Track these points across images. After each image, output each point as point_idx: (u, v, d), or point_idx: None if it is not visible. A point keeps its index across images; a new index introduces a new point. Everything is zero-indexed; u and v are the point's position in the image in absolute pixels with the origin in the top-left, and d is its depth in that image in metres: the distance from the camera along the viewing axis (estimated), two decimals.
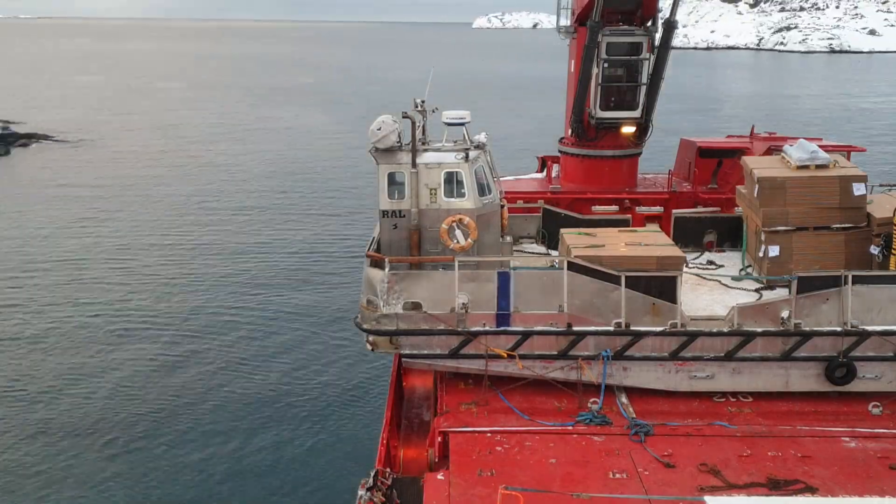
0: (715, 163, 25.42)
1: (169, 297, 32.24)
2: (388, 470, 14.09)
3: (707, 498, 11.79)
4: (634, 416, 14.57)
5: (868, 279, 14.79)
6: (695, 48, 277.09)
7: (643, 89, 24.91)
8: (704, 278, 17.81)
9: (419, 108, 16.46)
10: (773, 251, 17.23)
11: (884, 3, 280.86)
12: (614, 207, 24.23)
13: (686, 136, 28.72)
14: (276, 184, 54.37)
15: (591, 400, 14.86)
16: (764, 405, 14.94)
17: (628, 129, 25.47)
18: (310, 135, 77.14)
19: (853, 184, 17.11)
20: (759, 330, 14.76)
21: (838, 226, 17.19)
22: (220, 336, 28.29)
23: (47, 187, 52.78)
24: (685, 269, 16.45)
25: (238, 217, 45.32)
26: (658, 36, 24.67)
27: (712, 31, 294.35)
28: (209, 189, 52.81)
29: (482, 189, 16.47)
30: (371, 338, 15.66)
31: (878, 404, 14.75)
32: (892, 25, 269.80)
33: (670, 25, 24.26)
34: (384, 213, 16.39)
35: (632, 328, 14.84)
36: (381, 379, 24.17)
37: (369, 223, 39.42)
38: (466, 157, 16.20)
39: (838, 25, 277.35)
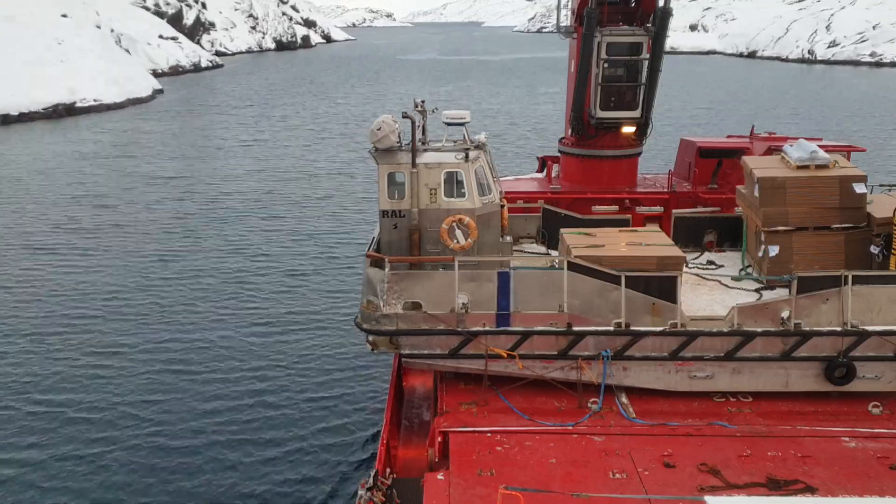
0: (715, 163, 25.43)
1: (166, 295, 32.22)
2: (389, 470, 14.12)
3: (707, 498, 11.79)
4: (634, 415, 14.60)
5: (868, 279, 14.81)
6: None
7: (643, 89, 24.91)
8: (704, 278, 17.82)
9: (419, 108, 16.50)
10: (773, 251, 17.25)
11: None
12: (614, 207, 24.24)
13: (686, 137, 28.77)
14: (275, 182, 54.36)
15: (591, 400, 14.87)
16: (764, 405, 14.96)
17: (628, 129, 25.47)
18: (308, 132, 77.15)
19: (853, 184, 17.13)
20: (759, 330, 14.77)
21: (838, 226, 17.20)
22: (220, 335, 28.27)
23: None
24: (685, 269, 16.46)
25: (237, 216, 45.28)
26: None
27: None
28: (206, 187, 52.78)
29: (482, 189, 16.49)
30: (371, 338, 15.67)
31: (878, 404, 14.76)
32: None
33: (665, 14, 24.09)
34: (384, 213, 16.41)
35: (632, 328, 14.85)
36: (381, 379, 24.16)
37: (369, 223, 39.40)
38: (466, 157, 16.22)
39: None
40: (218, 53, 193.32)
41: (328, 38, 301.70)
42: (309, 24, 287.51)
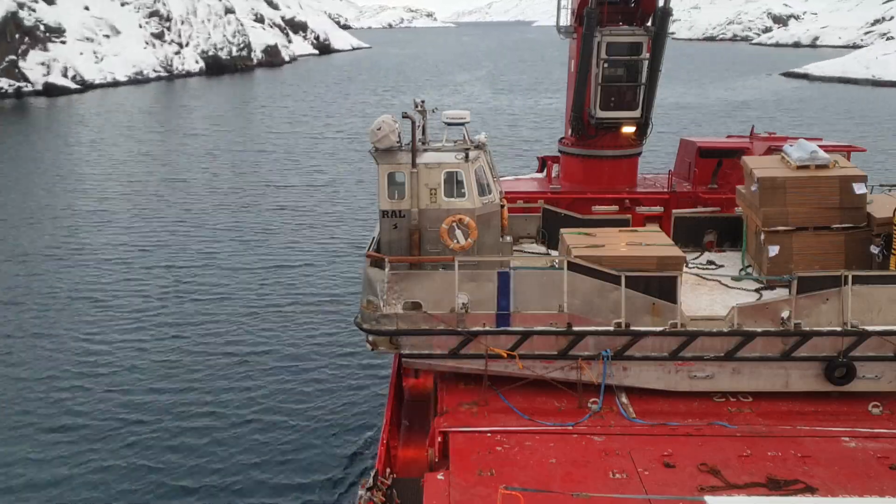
0: (715, 163, 25.44)
1: (165, 296, 32.25)
2: (389, 470, 14.12)
3: (707, 498, 11.80)
4: (634, 415, 14.60)
5: (868, 279, 14.81)
6: None
7: (643, 89, 24.91)
8: (704, 278, 17.83)
9: (419, 108, 16.51)
10: (773, 251, 17.26)
11: None
12: (614, 207, 24.25)
13: (686, 137, 28.78)
14: (275, 182, 54.38)
15: (591, 400, 14.88)
16: (764, 405, 14.96)
17: (628, 129, 25.48)
18: (309, 132, 77.13)
19: (853, 184, 17.13)
20: (759, 330, 14.77)
21: (838, 226, 17.20)
22: (220, 335, 28.29)
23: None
24: (685, 269, 16.47)
25: (237, 216, 45.31)
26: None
27: None
28: (207, 186, 52.79)
29: (482, 189, 16.50)
30: (371, 338, 15.68)
31: (878, 404, 14.77)
32: None
33: (665, 14, 24.02)
34: (384, 213, 16.43)
35: (632, 328, 14.86)
36: (381, 379, 24.18)
37: (369, 223, 39.38)
38: (466, 157, 16.23)
39: None
40: (48, 90, 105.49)
41: (324, 48, 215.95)
42: (296, 26, 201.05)
